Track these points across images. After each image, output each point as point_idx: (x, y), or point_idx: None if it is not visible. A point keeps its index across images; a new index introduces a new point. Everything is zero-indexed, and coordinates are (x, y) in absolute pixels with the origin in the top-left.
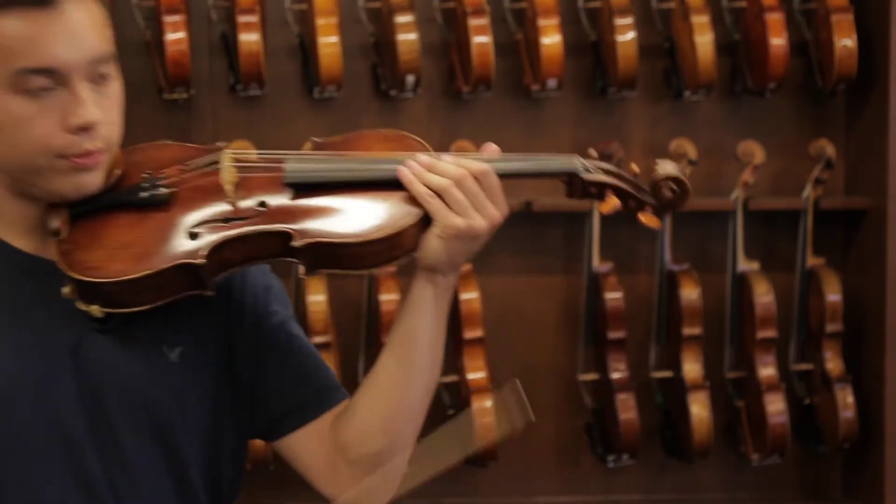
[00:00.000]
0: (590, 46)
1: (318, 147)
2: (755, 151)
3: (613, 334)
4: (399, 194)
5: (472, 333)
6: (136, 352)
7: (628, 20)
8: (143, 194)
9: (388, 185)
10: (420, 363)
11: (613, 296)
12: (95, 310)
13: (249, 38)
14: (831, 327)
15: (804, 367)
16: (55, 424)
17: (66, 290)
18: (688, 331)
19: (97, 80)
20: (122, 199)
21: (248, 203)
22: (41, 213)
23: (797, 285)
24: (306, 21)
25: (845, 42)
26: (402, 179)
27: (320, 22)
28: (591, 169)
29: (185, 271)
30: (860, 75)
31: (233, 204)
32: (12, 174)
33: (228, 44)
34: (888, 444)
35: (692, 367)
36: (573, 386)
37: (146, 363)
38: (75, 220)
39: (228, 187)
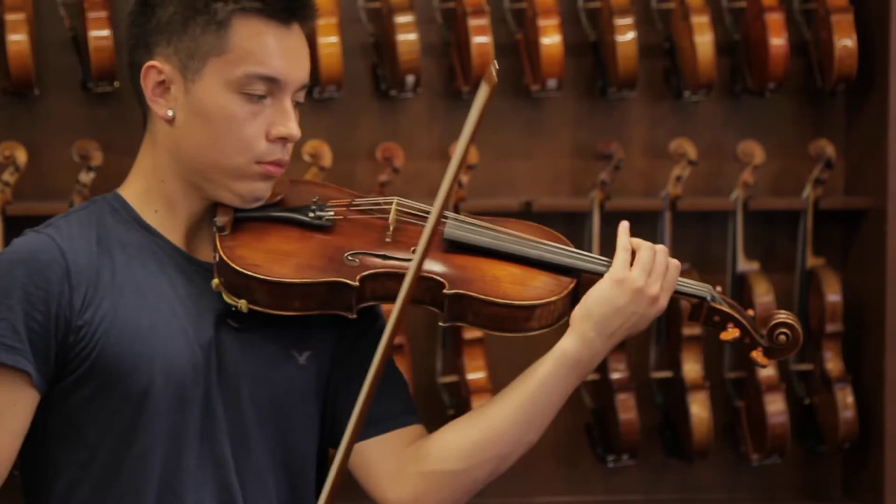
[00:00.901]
0: (590, 46)
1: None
2: (755, 151)
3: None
4: (546, 276)
5: (472, 333)
6: (269, 352)
7: (628, 20)
8: (311, 214)
9: (539, 265)
10: (530, 414)
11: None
12: (243, 304)
13: None
14: (831, 327)
15: (804, 367)
16: (201, 407)
17: (215, 281)
18: (688, 331)
19: (294, 103)
20: (290, 215)
21: (404, 248)
22: (206, 213)
23: (797, 285)
24: None
25: (845, 42)
26: (620, 228)
27: (320, 22)
28: (720, 300)
29: (337, 289)
30: (860, 75)
31: (390, 245)
32: (201, 168)
33: None
34: (888, 444)
35: (692, 367)
36: None
37: (277, 363)
38: (238, 223)
39: (391, 229)
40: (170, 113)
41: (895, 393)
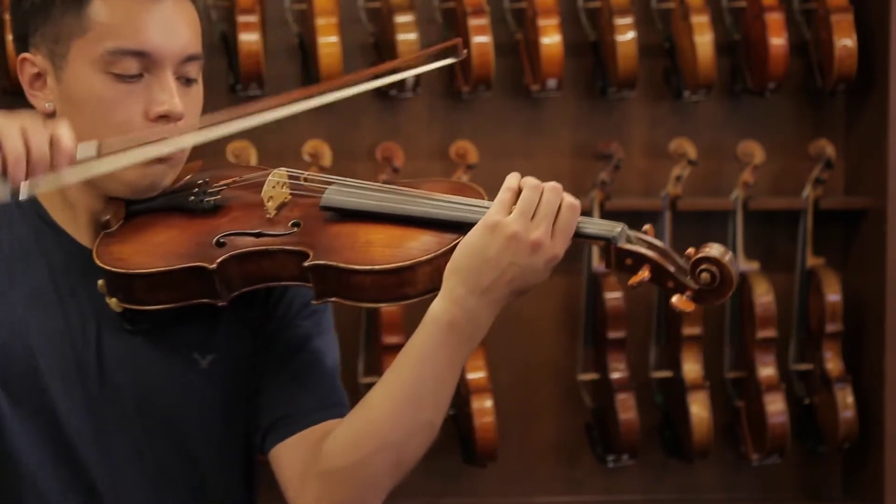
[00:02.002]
0: (590, 46)
1: (395, 183)
2: (755, 151)
3: (613, 334)
4: (428, 234)
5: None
6: (163, 356)
7: (628, 20)
8: (191, 199)
9: (422, 222)
10: (413, 393)
11: (613, 295)
12: (114, 303)
13: (249, 38)
14: (831, 327)
15: (804, 367)
16: (67, 418)
17: (100, 282)
18: (688, 331)
19: (182, 79)
20: (172, 201)
21: (284, 223)
22: (103, 206)
23: (797, 285)
24: (306, 21)
25: (845, 42)
26: (511, 174)
27: (320, 22)
28: (634, 240)
29: (198, 275)
30: (860, 75)
31: (270, 222)
32: None
33: (228, 44)
34: (888, 444)
35: (692, 367)
36: (573, 386)
37: (173, 368)
38: (131, 216)
39: (270, 204)
40: (48, 106)
41: (895, 393)
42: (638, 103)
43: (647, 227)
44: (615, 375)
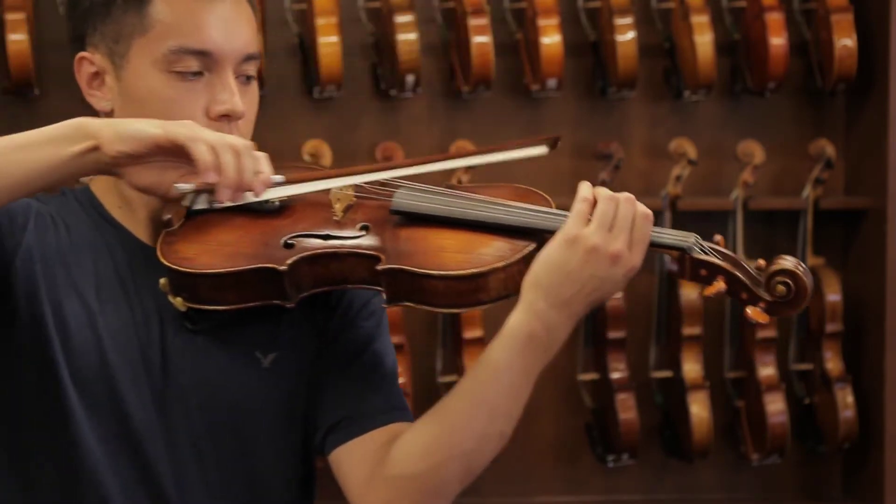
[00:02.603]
0: (590, 46)
1: (453, 186)
2: (755, 151)
3: (613, 334)
4: (500, 240)
5: (471, 333)
6: (225, 354)
7: (628, 20)
8: (258, 199)
9: (494, 228)
10: (488, 403)
11: (613, 296)
12: (179, 302)
13: None
14: (831, 327)
15: (804, 367)
16: (134, 414)
17: (162, 281)
18: (688, 331)
19: (242, 78)
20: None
21: (351, 225)
22: (162, 204)
23: None
24: (306, 21)
25: (845, 42)
26: (583, 183)
27: (320, 22)
28: (708, 251)
29: (268, 277)
30: (860, 75)
31: (338, 224)
32: None
33: None
34: (888, 444)
35: (692, 367)
36: (573, 386)
37: (235, 367)
38: (192, 215)
39: (337, 206)
40: (108, 106)
41: (895, 393)
42: (638, 103)
43: (718, 237)
44: (615, 375)
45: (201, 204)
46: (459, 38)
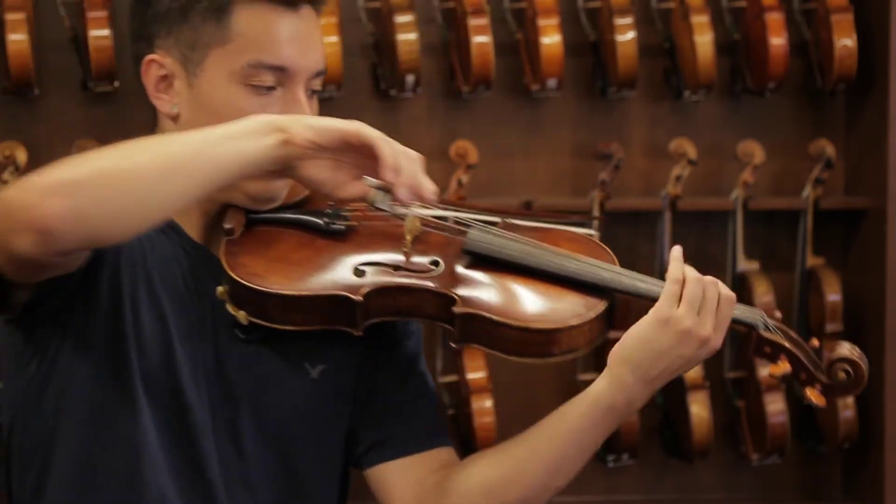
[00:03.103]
0: (590, 46)
1: (506, 227)
2: (755, 151)
3: (614, 334)
4: (574, 295)
5: None
6: (275, 364)
7: (628, 20)
8: (324, 220)
9: (567, 282)
10: (556, 461)
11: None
12: (242, 316)
13: None
14: (831, 327)
15: None
16: (191, 410)
17: (220, 289)
18: None
19: (309, 93)
20: (302, 219)
21: (421, 258)
22: (219, 211)
23: (797, 285)
24: None
25: (845, 42)
26: (672, 255)
27: (321, 21)
28: (773, 329)
29: (340, 304)
30: (860, 75)
31: (407, 255)
32: None
33: None
34: (888, 444)
35: None
36: (573, 386)
37: (285, 378)
38: (250, 226)
39: (408, 237)
40: (174, 110)
41: (895, 393)
42: (638, 103)
43: (777, 313)
44: None
45: (384, 203)
46: (459, 38)
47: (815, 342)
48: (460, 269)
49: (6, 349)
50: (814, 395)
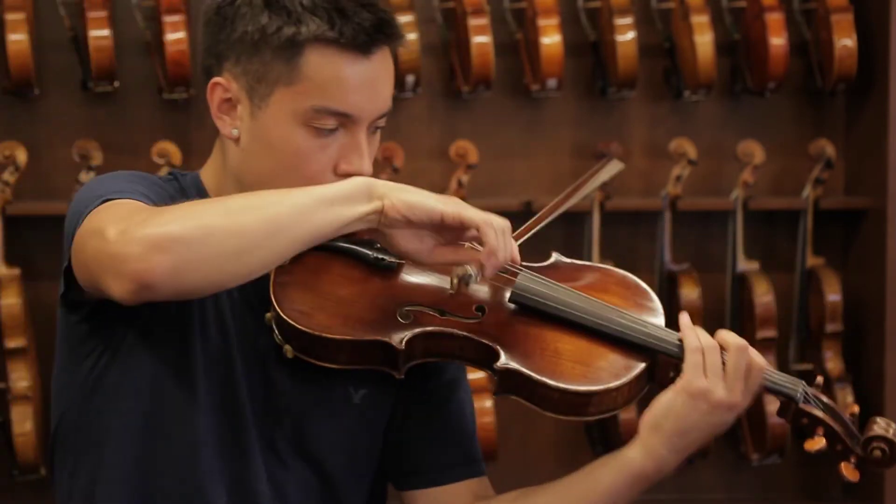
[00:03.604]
0: (590, 46)
1: (557, 266)
2: (755, 151)
3: None
4: (615, 354)
5: None
6: (321, 387)
7: (628, 20)
8: (375, 255)
9: (611, 339)
10: None
11: None
12: (288, 350)
13: None
14: (831, 327)
15: (804, 366)
16: (243, 429)
17: (269, 315)
18: None
19: (372, 129)
20: (353, 250)
21: (467, 303)
22: None
23: (797, 285)
24: None
25: (845, 42)
26: (682, 323)
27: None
28: (812, 400)
29: (383, 349)
30: (860, 75)
31: (452, 297)
32: None
33: None
34: None
35: None
36: None
37: (328, 401)
38: (302, 254)
39: (454, 280)
40: (235, 132)
41: (895, 393)
42: (638, 103)
43: (819, 378)
44: None
45: (473, 281)
46: (459, 38)
47: (855, 408)
48: (505, 318)
49: (61, 341)
50: (848, 471)
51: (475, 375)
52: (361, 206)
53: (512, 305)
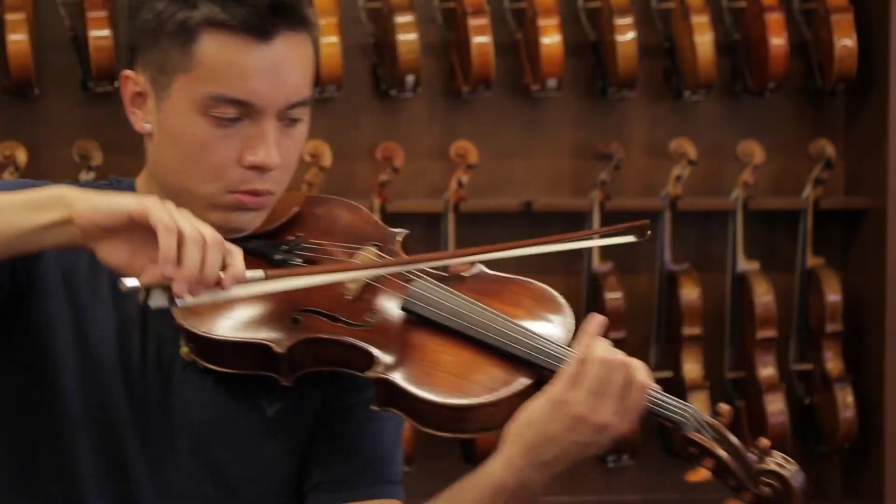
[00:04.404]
0: (590, 46)
1: (474, 276)
2: (755, 151)
3: (613, 334)
4: (498, 368)
5: None
6: (229, 399)
7: (628, 20)
8: (278, 257)
9: (497, 352)
10: None
11: (613, 296)
12: (185, 352)
13: None
14: (831, 327)
15: (804, 367)
16: (126, 442)
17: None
18: (688, 331)
19: (287, 121)
20: (259, 251)
21: (362, 310)
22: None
23: (797, 285)
24: None
25: (845, 42)
26: (589, 325)
27: (320, 22)
28: (705, 429)
29: (264, 352)
30: (860, 75)
31: (349, 304)
32: (175, 191)
33: None
34: (888, 444)
35: (692, 367)
36: None
37: (236, 412)
38: None
39: (352, 286)
40: (147, 127)
41: (895, 393)
42: (638, 103)
43: (724, 408)
44: None
45: (158, 301)
46: (459, 38)
47: (765, 441)
48: (395, 327)
49: None
50: None
51: None
52: (48, 213)
53: (402, 314)
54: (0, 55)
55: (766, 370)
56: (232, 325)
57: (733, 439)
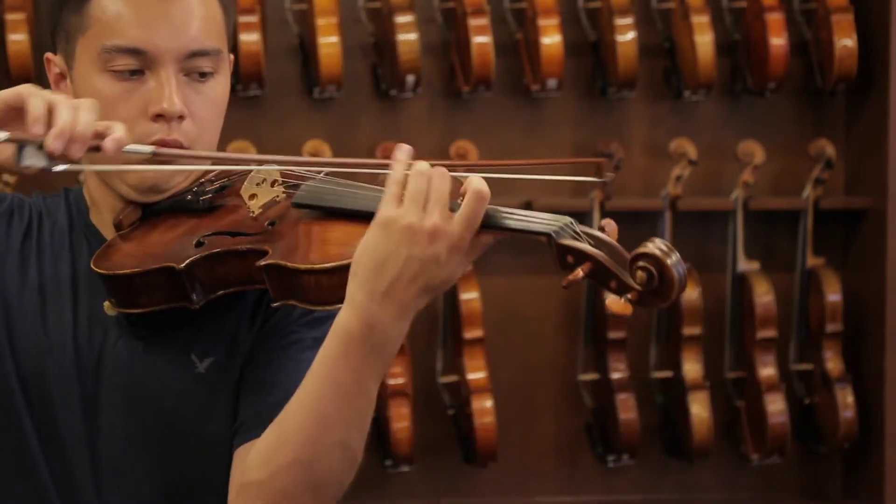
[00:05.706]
0: (590, 46)
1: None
2: (755, 151)
3: (613, 334)
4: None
5: (472, 333)
6: (160, 359)
7: (628, 20)
8: (188, 197)
9: (367, 217)
10: (317, 410)
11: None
12: (107, 306)
13: (249, 38)
14: (831, 327)
15: (804, 367)
16: (60, 417)
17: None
18: (688, 331)
19: (194, 75)
20: (178, 202)
21: (262, 221)
22: (124, 206)
23: (797, 285)
24: (306, 21)
25: (845, 42)
26: (396, 153)
27: (320, 22)
28: (581, 236)
29: (168, 277)
30: (860, 75)
31: (253, 220)
32: (94, 161)
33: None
34: (888, 444)
35: (692, 367)
36: (573, 386)
37: (170, 371)
38: (146, 218)
39: (253, 203)
40: None
41: (895, 393)
42: (638, 103)
43: (604, 221)
44: (615, 375)
45: (32, 159)
46: (459, 38)
47: (650, 247)
48: (291, 224)
49: None
50: (615, 305)
51: (475, 375)
52: None
53: (301, 212)
54: (0, 55)
55: (766, 370)
56: (139, 259)
57: (608, 239)
